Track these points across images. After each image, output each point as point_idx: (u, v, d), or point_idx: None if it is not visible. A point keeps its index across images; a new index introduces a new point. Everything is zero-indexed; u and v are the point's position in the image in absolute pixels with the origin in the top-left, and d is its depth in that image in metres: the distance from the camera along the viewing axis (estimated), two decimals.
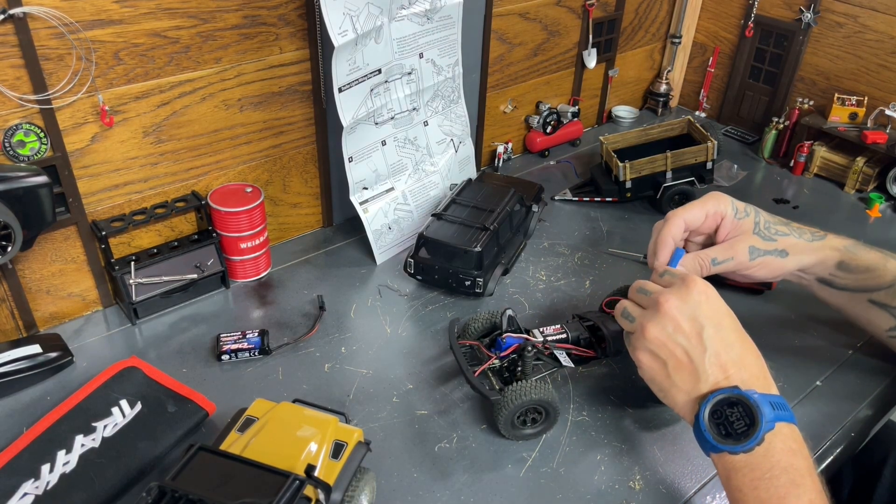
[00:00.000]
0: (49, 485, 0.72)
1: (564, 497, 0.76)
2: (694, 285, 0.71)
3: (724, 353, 0.68)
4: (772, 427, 0.65)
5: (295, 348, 0.95)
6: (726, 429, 0.66)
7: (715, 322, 0.69)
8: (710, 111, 1.62)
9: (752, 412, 0.65)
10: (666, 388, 0.71)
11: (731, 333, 0.70)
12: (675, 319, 0.69)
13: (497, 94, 1.34)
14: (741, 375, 0.68)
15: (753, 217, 0.85)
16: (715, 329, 0.69)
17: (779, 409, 0.66)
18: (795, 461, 0.64)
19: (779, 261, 0.85)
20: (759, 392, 0.67)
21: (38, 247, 0.90)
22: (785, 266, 0.86)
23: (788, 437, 0.66)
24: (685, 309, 0.70)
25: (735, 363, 0.68)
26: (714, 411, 0.67)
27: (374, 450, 0.74)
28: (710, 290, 0.71)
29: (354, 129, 1.02)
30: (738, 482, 0.65)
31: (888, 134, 1.29)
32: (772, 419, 0.65)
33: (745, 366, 0.68)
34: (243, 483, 0.61)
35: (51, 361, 0.88)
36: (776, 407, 0.66)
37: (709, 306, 0.70)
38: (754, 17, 1.45)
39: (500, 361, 0.83)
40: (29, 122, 0.83)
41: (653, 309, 0.71)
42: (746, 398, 0.66)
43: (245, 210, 1.00)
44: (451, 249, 1.01)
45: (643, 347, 0.71)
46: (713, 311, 0.70)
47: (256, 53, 0.98)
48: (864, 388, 0.91)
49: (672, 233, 0.83)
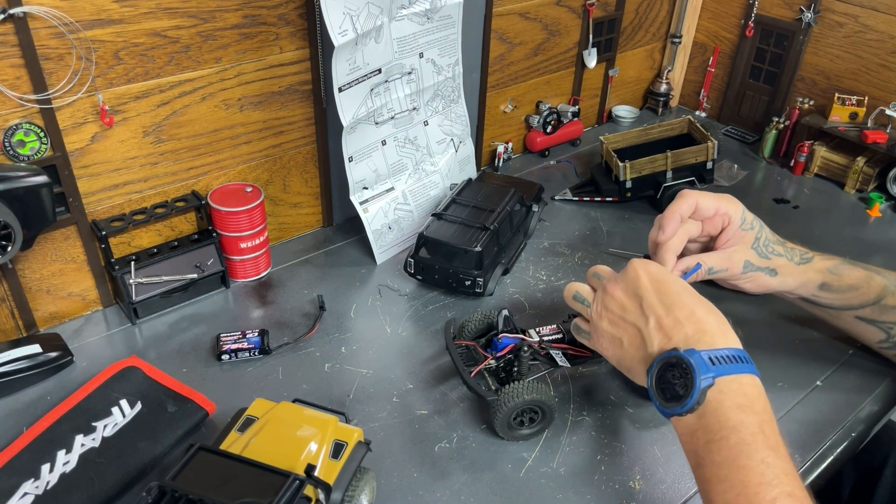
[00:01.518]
0: (49, 484, 0.72)
1: (564, 497, 0.76)
2: (631, 265, 0.74)
3: (664, 317, 0.69)
4: (710, 383, 0.63)
5: (295, 348, 0.95)
6: (670, 392, 0.66)
7: (654, 290, 0.71)
8: (711, 111, 1.62)
9: (688, 371, 0.65)
10: (627, 366, 0.73)
11: (672, 297, 0.70)
12: (619, 300, 0.73)
13: (497, 94, 1.34)
14: (682, 334, 0.67)
15: (756, 232, 0.86)
16: (655, 296, 0.70)
17: (723, 363, 0.65)
18: (745, 418, 0.62)
19: (767, 278, 0.87)
20: (700, 348, 0.65)
21: (38, 246, 0.90)
22: (770, 284, 0.87)
23: (737, 392, 0.64)
24: (627, 288, 0.73)
25: (676, 324, 0.68)
26: (660, 376, 0.67)
27: (374, 449, 0.74)
28: (650, 265, 0.74)
29: (354, 128, 1.02)
30: (694, 446, 0.64)
31: (888, 134, 1.29)
32: (711, 375, 0.63)
33: (688, 324, 0.68)
34: (243, 483, 0.61)
35: (51, 361, 0.88)
36: (719, 361, 0.65)
37: (648, 279, 0.72)
38: (754, 16, 1.45)
39: (496, 362, 0.83)
40: (29, 122, 0.83)
41: (601, 294, 0.76)
42: (681, 357, 0.65)
43: (245, 210, 1.00)
44: (452, 249, 1.01)
45: (601, 334, 0.75)
46: (652, 281, 0.72)
47: (256, 53, 0.98)
48: (865, 388, 0.91)
49: (682, 210, 0.83)
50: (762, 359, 0.94)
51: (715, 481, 0.61)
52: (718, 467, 0.61)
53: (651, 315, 0.70)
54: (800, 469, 0.81)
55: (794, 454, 0.82)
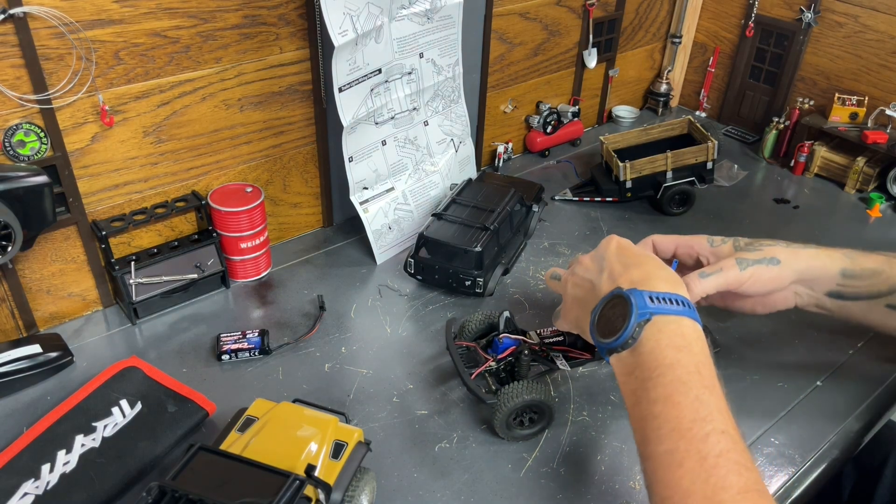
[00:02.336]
0: (49, 485, 0.72)
1: (564, 497, 0.76)
2: (606, 238, 0.78)
3: (616, 268, 0.72)
4: (646, 317, 0.65)
5: (295, 348, 0.95)
6: (609, 327, 0.67)
7: (616, 253, 0.74)
8: (711, 111, 1.62)
9: (627, 307, 0.66)
10: (583, 323, 0.74)
11: (631, 256, 0.73)
12: (585, 264, 0.77)
13: (497, 94, 1.34)
14: (629, 278, 0.69)
15: (732, 242, 0.85)
16: (616, 256, 0.73)
17: (663, 303, 0.66)
18: (682, 357, 0.63)
19: (773, 270, 0.82)
20: (643, 289, 0.67)
21: (39, 247, 0.90)
22: (781, 275, 0.82)
23: (675, 332, 0.65)
24: (595, 254, 0.77)
25: (625, 271, 0.71)
26: (602, 314, 0.69)
27: (375, 450, 0.74)
28: (620, 239, 0.77)
29: (354, 128, 1.02)
30: (631, 385, 0.65)
31: (888, 134, 1.29)
32: (647, 310, 0.65)
33: (636, 271, 0.70)
34: (243, 483, 0.61)
35: (51, 361, 0.88)
36: (660, 301, 0.66)
37: (615, 245, 0.75)
38: (755, 16, 1.45)
39: (496, 363, 0.83)
40: (29, 122, 0.83)
41: (572, 265, 0.79)
42: (622, 295, 0.67)
43: (245, 210, 1.00)
44: (452, 249, 1.01)
45: (567, 299, 0.78)
46: (618, 247, 0.75)
47: (256, 53, 0.98)
48: (865, 388, 0.91)
49: None
50: (762, 359, 0.95)
51: (650, 418, 0.62)
52: (653, 404, 0.62)
53: (606, 269, 0.73)
54: (800, 469, 0.81)
55: (795, 454, 0.82)
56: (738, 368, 0.93)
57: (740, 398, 0.88)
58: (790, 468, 0.80)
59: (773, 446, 0.83)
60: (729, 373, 0.92)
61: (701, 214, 1.27)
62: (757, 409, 0.87)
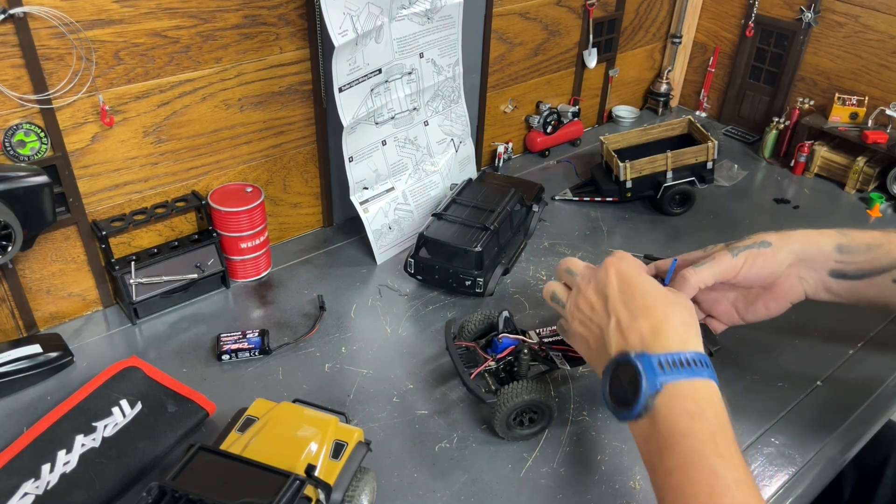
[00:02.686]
0: (49, 484, 0.72)
1: (564, 497, 0.76)
2: (605, 265, 0.73)
3: (624, 318, 0.68)
4: (657, 389, 0.62)
5: (295, 348, 0.95)
6: (621, 395, 0.65)
7: (620, 290, 0.70)
8: (711, 111, 1.62)
9: (636, 376, 0.63)
10: (594, 366, 0.73)
11: (637, 297, 0.69)
12: (589, 300, 0.73)
13: (497, 94, 1.34)
14: (638, 335, 0.66)
15: (725, 244, 0.84)
16: (620, 296, 0.70)
17: (674, 368, 0.63)
18: (695, 425, 0.60)
19: (765, 252, 0.81)
20: (654, 351, 0.64)
21: (39, 247, 0.90)
22: (775, 257, 0.81)
23: (689, 398, 0.62)
24: (598, 288, 0.72)
25: (633, 325, 0.67)
26: (613, 378, 0.66)
27: (375, 450, 0.74)
28: (622, 263, 0.73)
29: (355, 128, 1.02)
30: (647, 452, 0.63)
31: (889, 134, 1.29)
32: (658, 380, 0.62)
33: (645, 324, 0.66)
34: (243, 483, 0.61)
35: (51, 361, 0.88)
36: (670, 366, 0.63)
37: (617, 277, 0.71)
38: (755, 16, 1.45)
39: (496, 363, 0.83)
40: (29, 122, 0.83)
41: (574, 294, 0.75)
42: (630, 362, 0.64)
43: (245, 210, 1.00)
44: (452, 249, 1.01)
45: (573, 334, 0.75)
46: (620, 281, 0.71)
47: (256, 53, 0.98)
48: (865, 388, 0.91)
49: None
50: (762, 358, 0.95)
51: (667, 489, 0.60)
52: (669, 475, 0.60)
53: (613, 316, 0.69)
54: (800, 469, 0.81)
55: (795, 454, 0.82)
56: (737, 368, 0.93)
57: (740, 398, 0.88)
58: (790, 468, 0.80)
59: (773, 446, 0.83)
60: (729, 373, 0.92)
61: (701, 214, 1.27)
62: (757, 409, 0.87)
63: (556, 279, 0.81)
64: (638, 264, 0.75)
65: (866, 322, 1.00)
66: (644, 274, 0.72)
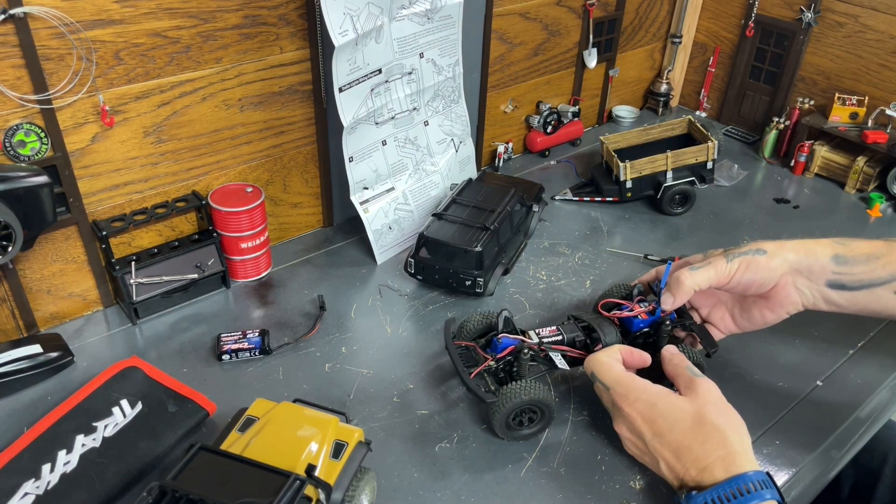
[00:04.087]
0: (50, 484, 0.72)
1: (564, 497, 0.76)
2: (617, 404, 0.76)
3: (669, 458, 0.72)
4: None
5: (295, 348, 0.95)
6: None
7: (650, 430, 0.73)
8: (711, 111, 1.62)
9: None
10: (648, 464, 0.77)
11: (668, 435, 0.72)
12: (631, 436, 0.76)
13: (497, 94, 1.34)
14: (686, 474, 0.70)
15: (719, 250, 0.86)
16: (655, 439, 0.73)
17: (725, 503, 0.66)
18: None
19: (761, 259, 0.82)
20: (708, 483, 0.68)
21: (39, 247, 0.91)
22: (770, 264, 0.82)
23: None
24: (632, 427, 0.75)
25: (678, 464, 0.71)
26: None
27: (375, 449, 0.74)
28: (633, 403, 0.75)
29: (355, 128, 1.02)
30: None
31: (889, 133, 1.29)
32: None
33: (692, 466, 0.70)
34: (244, 483, 0.61)
35: (51, 361, 0.88)
36: (720, 501, 0.66)
37: (640, 418, 0.74)
38: (755, 16, 1.45)
39: (495, 363, 0.83)
40: (29, 122, 0.83)
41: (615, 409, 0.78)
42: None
43: (245, 210, 1.00)
44: (452, 249, 1.01)
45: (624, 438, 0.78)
46: (643, 420, 0.74)
47: (257, 53, 0.98)
48: (865, 388, 0.91)
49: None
50: (762, 359, 0.95)
51: None
52: None
53: (660, 458, 0.73)
54: (800, 469, 0.81)
55: (795, 454, 0.82)
56: (738, 368, 0.93)
57: (740, 398, 0.88)
58: (790, 468, 0.81)
59: (773, 446, 0.83)
60: (729, 373, 0.92)
61: (701, 214, 1.27)
62: (757, 409, 0.87)
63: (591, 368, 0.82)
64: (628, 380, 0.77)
65: (866, 323, 1.00)
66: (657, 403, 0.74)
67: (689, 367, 0.78)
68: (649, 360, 0.82)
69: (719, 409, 0.73)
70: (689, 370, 0.78)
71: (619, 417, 0.77)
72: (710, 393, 0.74)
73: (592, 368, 0.80)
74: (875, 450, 0.98)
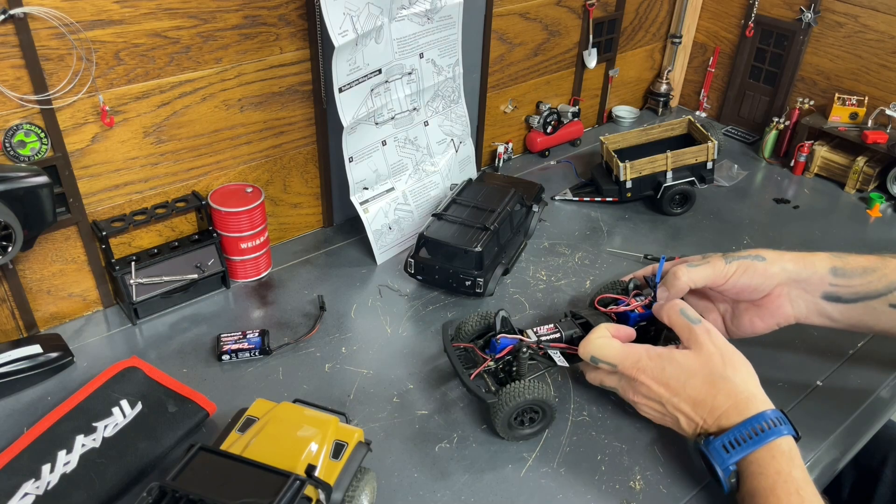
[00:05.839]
0: (50, 485, 0.72)
1: (564, 497, 0.76)
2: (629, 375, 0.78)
3: (688, 410, 0.75)
4: (732, 469, 0.70)
5: (295, 348, 0.95)
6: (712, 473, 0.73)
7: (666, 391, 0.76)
8: (711, 111, 1.62)
9: (710, 463, 0.72)
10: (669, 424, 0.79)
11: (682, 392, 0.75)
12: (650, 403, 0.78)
13: (497, 94, 1.34)
14: (704, 422, 0.74)
15: (719, 254, 0.86)
16: (673, 399, 0.76)
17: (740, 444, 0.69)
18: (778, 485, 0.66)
19: (760, 265, 0.83)
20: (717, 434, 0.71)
21: (39, 247, 0.91)
22: (768, 271, 0.83)
23: (766, 463, 0.68)
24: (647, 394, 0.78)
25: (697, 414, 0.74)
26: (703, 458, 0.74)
27: (375, 450, 0.74)
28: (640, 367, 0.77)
29: (355, 129, 1.03)
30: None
31: (888, 133, 1.29)
32: (728, 464, 0.70)
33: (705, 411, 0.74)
34: (244, 483, 0.61)
35: (51, 361, 0.88)
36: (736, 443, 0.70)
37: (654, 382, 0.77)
38: (755, 16, 1.45)
39: (494, 363, 0.83)
40: (29, 123, 0.83)
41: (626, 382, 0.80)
42: (700, 450, 0.73)
43: (245, 210, 1.00)
44: (452, 249, 1.01)
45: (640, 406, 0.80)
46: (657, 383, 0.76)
47: (257, 53, 0.98)
48: (865, 388, 0.91)
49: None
50: (762, 359, 0.95)
51: None
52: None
53: (680, 415, 0.76)
54: None
55: None
56: None
57: None
58: None
59: None
60: None
61: (701, 214, 1.27)
62: None
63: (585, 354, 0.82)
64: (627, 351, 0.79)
65: None
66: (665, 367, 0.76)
67: (684, 310, 0.80)
68: (634, 333, 0.84)
69: (725, 359, 0.75)
70: (684, 315, 0.79)
71: (630, 388, 0.79)
72: (712, 341, 0.76)
73: (591, 352, 0.80)
74: (875, 450, 0.98)
